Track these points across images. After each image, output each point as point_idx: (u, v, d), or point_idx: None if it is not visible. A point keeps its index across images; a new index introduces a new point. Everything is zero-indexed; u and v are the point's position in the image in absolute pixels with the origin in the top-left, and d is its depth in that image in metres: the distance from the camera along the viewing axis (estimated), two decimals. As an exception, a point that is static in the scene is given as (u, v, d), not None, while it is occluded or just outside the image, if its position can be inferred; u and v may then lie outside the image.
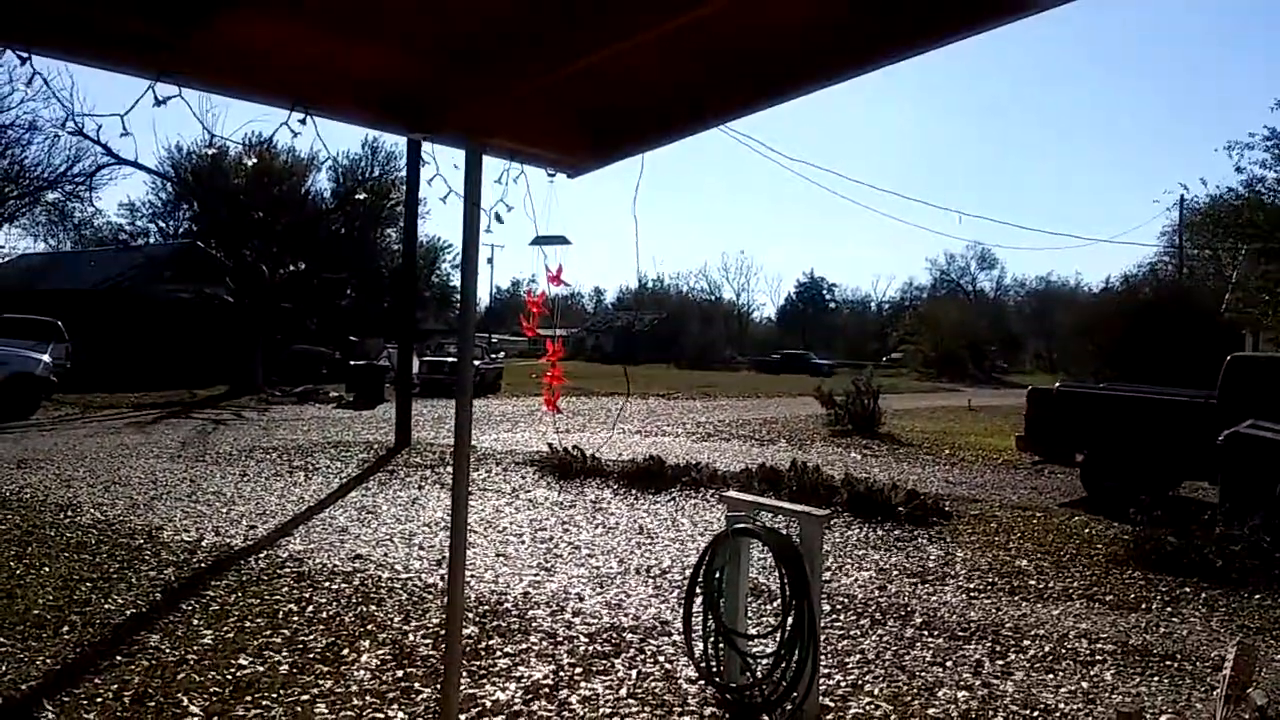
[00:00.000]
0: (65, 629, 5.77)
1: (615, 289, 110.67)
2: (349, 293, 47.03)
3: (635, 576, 7.62)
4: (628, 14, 2.44)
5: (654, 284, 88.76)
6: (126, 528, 8.70)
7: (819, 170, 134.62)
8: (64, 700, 4.67)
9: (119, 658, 5.32)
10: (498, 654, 5.59)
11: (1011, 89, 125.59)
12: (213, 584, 6.94)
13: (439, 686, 4.92)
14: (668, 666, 5.49)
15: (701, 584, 5.07)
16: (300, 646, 5.58)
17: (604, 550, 8.52)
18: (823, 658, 5.09)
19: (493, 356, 35.09)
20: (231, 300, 32.45)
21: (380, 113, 3.18)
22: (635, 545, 8.77)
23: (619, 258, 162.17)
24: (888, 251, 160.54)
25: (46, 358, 20.20)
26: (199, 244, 37.12)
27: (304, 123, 2.89)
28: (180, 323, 31.85)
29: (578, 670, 5.38)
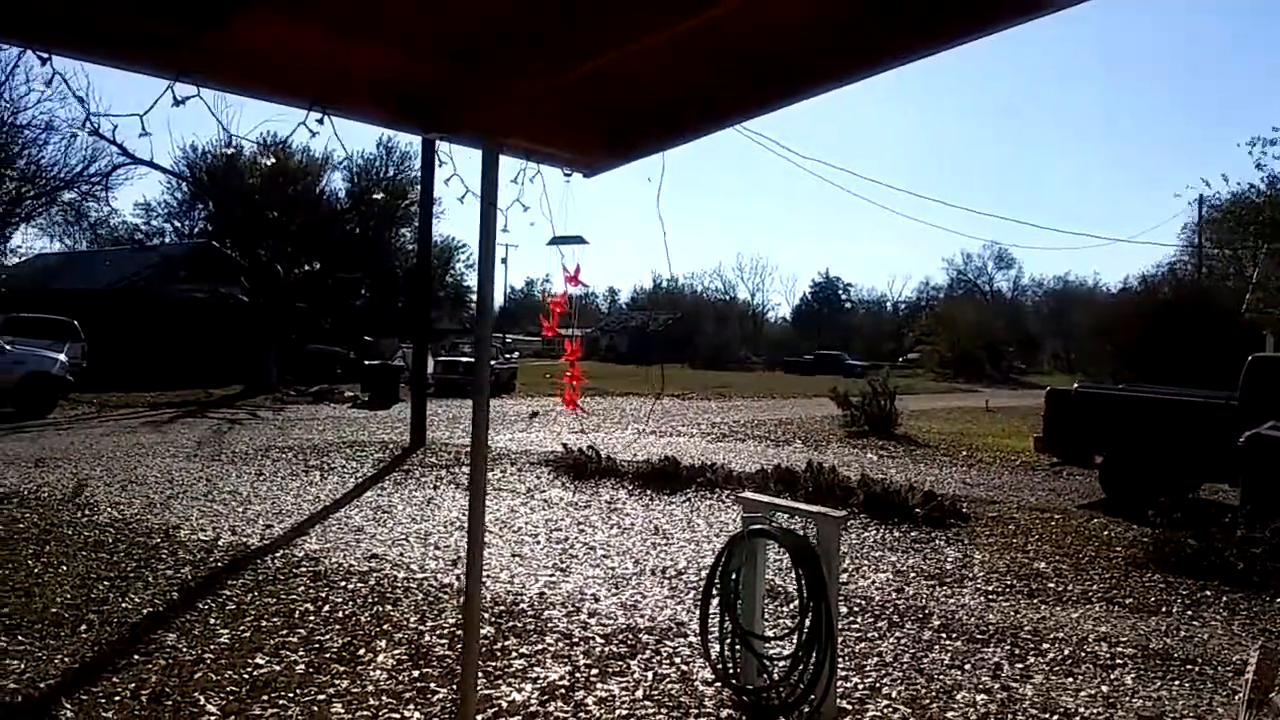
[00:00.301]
0: (83, 627, 5.80)
1: (629, 289, 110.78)
2: (363, 292, 47.15)
3: (651, 577, 7.61)
4: (641, 15, 2.43)
5: (668, 284, 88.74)
6: (143, 527, 8.74)
7: (833, 169, 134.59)
8: (82, 698, 4.69)
9: (136, 656, 5.33)
10: (513, 654, 5.58)
11: (1026, 89, 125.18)
12: (229, 583, 6.96)
13: (455, 687, 4.92)
14: (684, 668, 5.47)
15: (718, 585, 5.04)
16: (316, 646, 5.59)
17: (619, 551, 8.51)
18: (840, 660, 5.06)
19: (507, 356, 35.13)
20: (246, 300, 32.54)
21: (397, 113, 3.17)
22: (650, 546, 8.75)
23: (633, 257, 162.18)
24: (903, 251, 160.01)
25: (63, 357, 20.37)
26: (214, 244, 37.20)
27: (321, 122, 2.89)
28: (195, 322, 31.93)
29: (594, 671, 5.36)
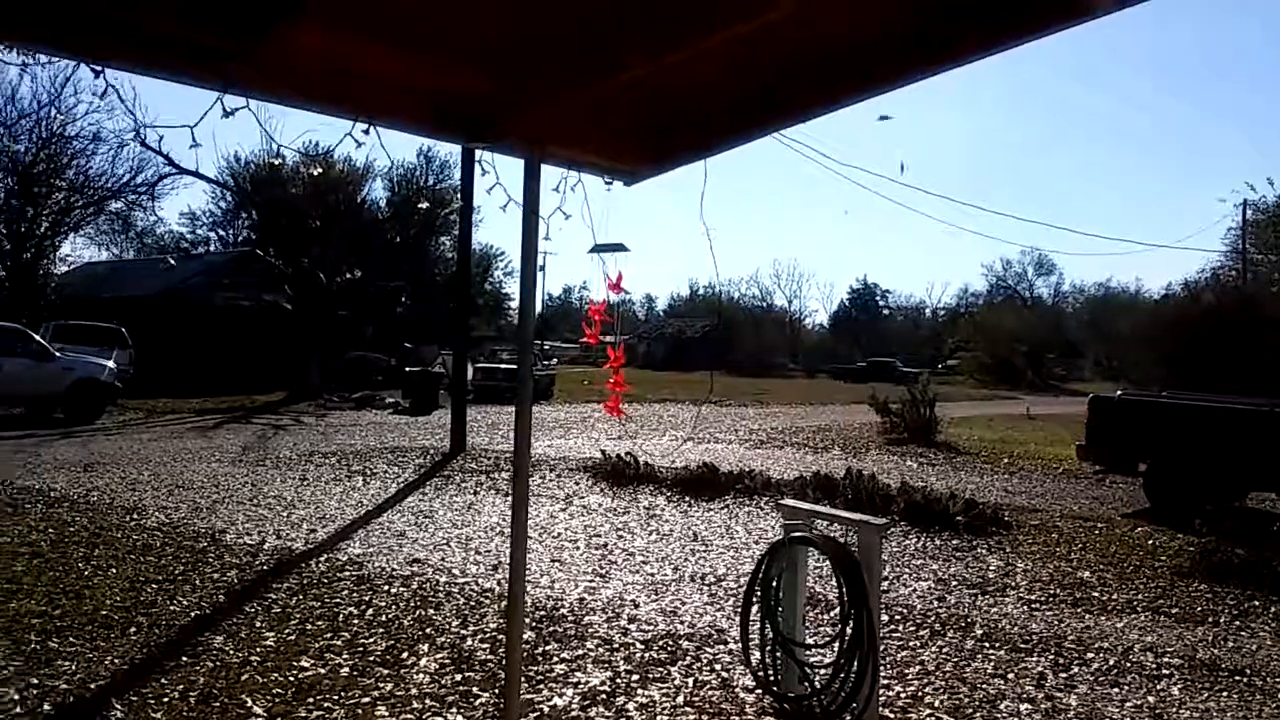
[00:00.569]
0: (132, 629, 5.90)
1: (667, 296, 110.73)
2: (404, 300, 47.55)
3: (690, 584, 7.61)
4: (685, 23, 2.45)
5: (705, 290, 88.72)
6: (190, 530, 8.89)
7: (869, 174, 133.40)
8: (131, 699, 4.78)
9: (184, 658, 5.42)
10: (554, 659, 5.61)
11: (1064, 93, 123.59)
12: (274, 586, 7.06)
13: (497, 691, 4.96)
14: (724, 675, 5.47)
15: (759, 592, 5.03)
16: (360, 649, 5.65)
17: (658, 557, 8.52)
18: (882, 668, 5.03)
19: (546, 364, 35.28)
20: (289, 307, 32.92)
21: (441, 123, 3.21)
22: (689, 552, 8.75)
23: (670, 264, 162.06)
24: (942, 258, 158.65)
25: (111, 364, 20.82)
26: (258, 252, 37.68)
27: (367, 133, 2.93)
28: (239, 329, 32.34)
29: (635, 677, 5.37)
